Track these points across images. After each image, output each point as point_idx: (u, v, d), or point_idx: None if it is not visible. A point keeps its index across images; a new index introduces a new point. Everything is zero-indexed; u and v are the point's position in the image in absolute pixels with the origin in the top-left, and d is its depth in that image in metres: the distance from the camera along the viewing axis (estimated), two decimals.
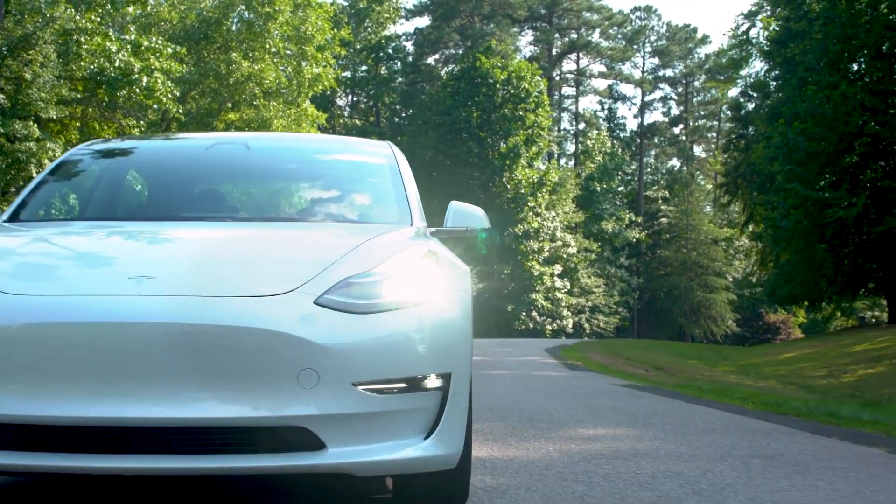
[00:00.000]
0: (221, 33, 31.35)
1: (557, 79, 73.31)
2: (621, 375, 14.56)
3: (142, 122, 27.95)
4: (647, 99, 76.00)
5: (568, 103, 75.67)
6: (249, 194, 5.09)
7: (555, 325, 52.99)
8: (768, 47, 40.33)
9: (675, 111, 76.69)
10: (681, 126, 76.76)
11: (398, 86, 65.44)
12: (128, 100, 24.55)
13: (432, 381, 3.08)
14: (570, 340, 39.77)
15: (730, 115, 55.04)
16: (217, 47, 31.63)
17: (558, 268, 54.16)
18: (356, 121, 64.30)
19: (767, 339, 57.08)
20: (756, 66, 49.35)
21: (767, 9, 45.31)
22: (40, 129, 22.01)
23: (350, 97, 66.24)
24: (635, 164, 73.35)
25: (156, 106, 26.38)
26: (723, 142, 58.96)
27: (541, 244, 52.58)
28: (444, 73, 61.96)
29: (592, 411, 7.77)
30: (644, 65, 75.80)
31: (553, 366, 16.74)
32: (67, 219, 4.72)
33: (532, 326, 51.56)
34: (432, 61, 67.49)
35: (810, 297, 41.40)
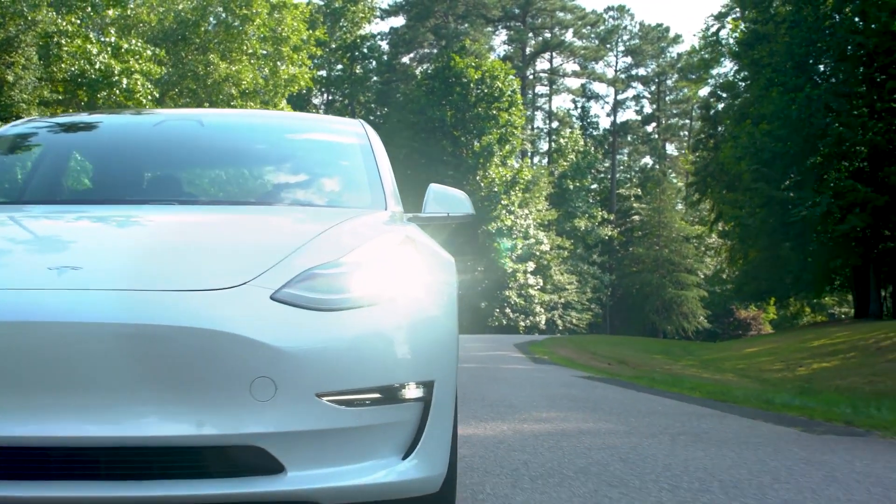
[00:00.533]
0: (199, 34, 31.90)
1: (531, 78, 74.18)
2: (584, 368, 15.35)
3: None
4: (620, 98, 77.29)
5: (541, 102, 76.75)
6: (200, 176, 4.53)
7: (528, 321, 53.81)
8: (737, 49, 41.06)
9: (647, 110, 78.05)
10: (653, 124, 77.87)
11: (373, 85, 66.21)
12: (108, 101, 25.00)
13: (411, 391, 2.62)
14: (542, 336, 40.49)
15: (700, 115, 55.92)
16: (195, 48, 32.17)
17: (531, 265, 54.98)
18: None
19: (738, 335, 57.97)
20: (726, 66, 50.17)
21: (737, 10, 46.08)
22: None
23: (326, 96, 66.87)
24: (608, 162, 74.33)
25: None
26: (693, 141, 59.85)
27: (514, 241, 53.36)
28: (419, 72, 62.77)
29: (549, 398, 8.48)
30: (617, 64, 77.04)
31: (520, 360, 17.48)
32: None
33: (505, 323, 52.37)
34: (407, 60, 68.33)
35: (777, 294, 42.48)
